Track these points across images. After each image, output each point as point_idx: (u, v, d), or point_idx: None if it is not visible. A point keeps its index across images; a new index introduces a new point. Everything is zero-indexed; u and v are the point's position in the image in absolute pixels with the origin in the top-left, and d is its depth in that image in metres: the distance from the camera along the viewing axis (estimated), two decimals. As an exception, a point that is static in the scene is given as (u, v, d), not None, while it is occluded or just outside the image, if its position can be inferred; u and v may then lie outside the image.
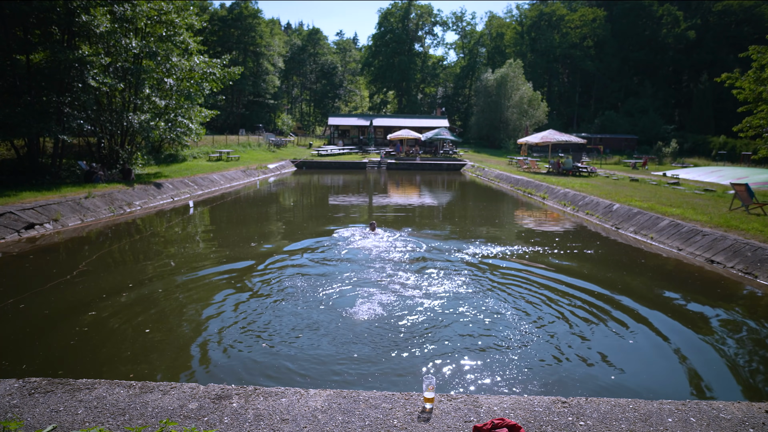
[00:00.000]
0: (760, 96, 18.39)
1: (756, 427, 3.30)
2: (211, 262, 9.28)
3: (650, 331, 6.21)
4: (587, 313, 6.76)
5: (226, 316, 6.40)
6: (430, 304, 6.84)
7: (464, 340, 5.75)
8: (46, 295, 7.02)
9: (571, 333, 6.04)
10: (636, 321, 6.51)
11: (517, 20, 77.28)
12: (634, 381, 4.93)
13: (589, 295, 7.50)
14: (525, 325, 6.22)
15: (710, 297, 7.68)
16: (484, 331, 6.04)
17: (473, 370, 5.02)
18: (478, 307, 6.81)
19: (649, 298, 7.48)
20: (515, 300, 7.19)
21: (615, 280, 8.42)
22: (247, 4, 61.38)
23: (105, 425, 3.15)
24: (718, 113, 59.06)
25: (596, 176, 25.88)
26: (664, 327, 6.35)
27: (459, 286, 7.69)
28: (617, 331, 6.15)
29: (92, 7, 15.31)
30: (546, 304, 7.08)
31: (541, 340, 5.78)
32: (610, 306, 7.05)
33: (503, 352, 5.45)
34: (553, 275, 8.55)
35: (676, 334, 6.16)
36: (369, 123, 51.01)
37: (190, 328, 6.11)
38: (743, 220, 11.47)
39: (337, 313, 6.43)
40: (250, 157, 33.28)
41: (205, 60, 20.68)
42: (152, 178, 18.59)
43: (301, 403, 3.49)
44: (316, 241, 11.07)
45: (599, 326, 6.30)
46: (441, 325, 6.15)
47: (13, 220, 10.69)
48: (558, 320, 6.44)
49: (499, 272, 8.66)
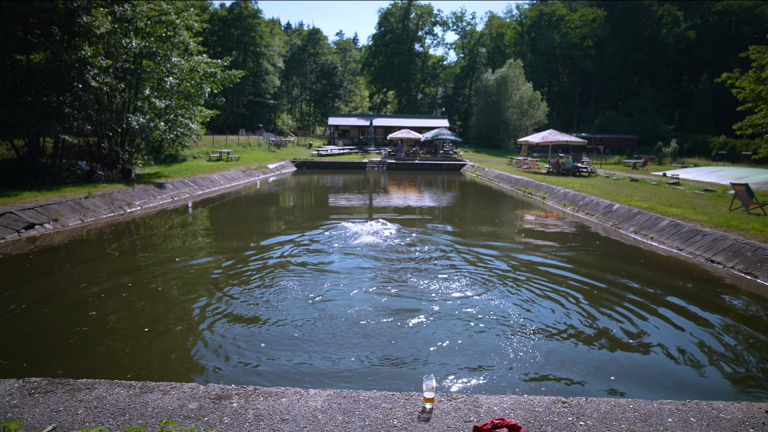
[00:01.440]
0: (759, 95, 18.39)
1: (756, 427, 3.30)
2: (211, 261, 9.27)
3: (650, 331, 6.21)
4: (587, 312, 6.76)
5: (226, 315, 6.40)
6: (431, 303, 6.84)
7: (464, 340, 5.75)
8: (46, 295, 7.02)
9: (571, 333, 6.04)
10: (636, 321, 6.51)
11: (517, 20, 77.25)
12: (634, 381, 4.93)
13: (589, 295, 7.50)
14: (525, 325, 6.22)
15: (710, 297, 7.67)
16: (484, 330, 6.04)
17: (473, 370, 5.02)
18: (479, 306, 6.81)
19: (648, 298, 7.48)
20: (515, 299, 7.19)
21: (614, 280, 8.42)
22: (247, 4, 61.37)
23: (105, 425, 3.15)
24: (718, 113, 59.02)
25: (596, 176, 25.88)
26: (664, 327, 6.35)
27: (459, 285, 7.69)
28: (617, 331, 6.14)
29: (93, 7, 15.32)
30: (546, 303, 7.08)
31: (541, 340, 5.78)
32: (609, 306, 7.05)
33: (504, 352, 5.44)
34: (553, 275, 8.55)
35: (676, 333, 6.16)
36: (369, 123, 51.01)
37: (190, 327, 6.11)
38: (743, 220, 11.47)
39: (337, 312, 6.43)
40: (250, 157, 33.28)
41: (206, 60, 20.68)
42: (152, 178, 18.59)
43: (301, 403, 3.49)
44: (318, 236, 11.08)
45: (599, 326, 6.30)
46: (441, 324, 6.15)
47: (13, 220, 10.70)
48: (558, 320, 6.44)
49: (499, 271, 8.66)
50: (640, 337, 6.02)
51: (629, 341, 5.87)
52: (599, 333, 6.10)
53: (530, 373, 4.99)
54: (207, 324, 6.17)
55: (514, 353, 5.42)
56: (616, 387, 4.78)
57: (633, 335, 6.05)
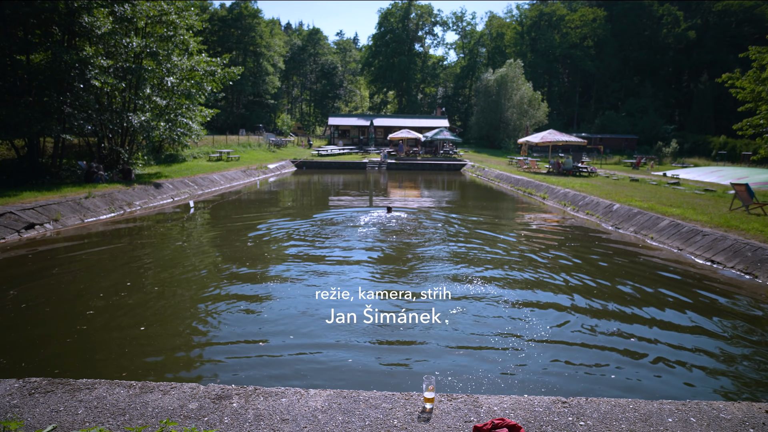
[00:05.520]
0: (760, 96, 18.38)
1: (756, 427, 3.30)
2: (211, 261, 9.28)
3: (650, 331, 6.21)
4: (586, 312, 6.76)
5: (226, 314, 6.40)
6: (431, 303, 6.84)
7: (464, 340, 5.75)
8: (46, 295, 7.02)
9: (570, 332, 6.03)
10: (635, 321, 6.51)
11: (517, 20, 77.23)
12: (634, 380, 4.93)
13: (588, 295, 7.50)
14: (525, 325, 6.22)
15: (710, 297, 7.67)
16: (484, 330, 6.04)
17: (473, 370, 5.02)
18: (479, 306, 6.81)
19: (647, 298, 7.48)
20: (515, 299, 7.18)
21: (614, 280, 8.41)
22: (247, 4, 61.39)
23: (105, 425, 3.15)
24: (718, 113, 59.02)
25: (596, 176, 25.88)
26: (664, 327, 6.35)
27: (459, 285, 7.69)
28: (617, 332, 6.14)
29: (94, 8, 15.32)
30: (545, 303, 7.08)
31: (541, 340, 5.77)
32: (608, 306, 7.05)
33: (504, 352, 5.44)
34: (553, 275, 8.55)
35: (676, 334, 6.16)
36: (369, 123, 51.01)
37: (190, 327, 6.11)
38: (743, 220, 11.46)
39: (338, 311, 6.42)
40: (250, 157, 33.29)
41: (206, 59, 20.68)
42: (152, 178, 18.59)
43: (301, 403, 3.49)
44: (318, 235, 11.07)
45: (599, 326, 6.30)
46: (442, 324, 6.15)
47: (14, 220, 10.70)
48: (557, 320, 6.44)
49: (499, 271, 8.66)
50: (639, 336, 6.01)
51: (629, 341, 5.87)
52: (598, 333, 6.09)
53: (530, 373, 4.99)
54: (207, 323, 6.17)
55: (514, 353, 5.42)
56: (616, 387, 4.78)
57: (632, 335, 6.04)
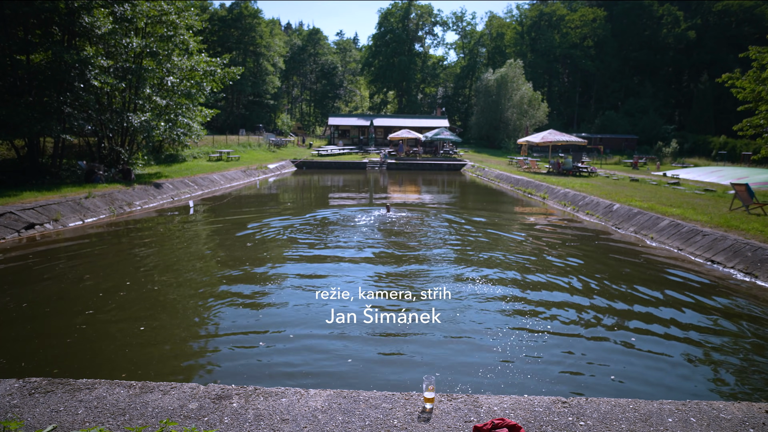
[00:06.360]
0: (760, 96, 18.37)
1: (756, 427, 3.30)
2: (211, 261, 9.28)
3: (649, 330, 6.21)
4: (586, 312, 6.76)
5: (226, 314, 6.40)
6: (431, 302, 6.84)
7: (465, 339, 5.75)
8: (46, 295, 7.03)
9: (570, 332, 6.04)
10: (635, 321, 6.51)
11: (517, 20, 77.21)
12: (634, 381, 4.93)
13: (588, 295, 7.50)
14: (525, 325, 6.22)
15: (710, 297, 7.67)
16: (484, 330, 6.04)
17: (473, 370, 5.02)
18: (479, 306, 6.81)
19: (647, 298, 7.48)
20: (516, 299, 7.19)
21: (614, 279, 8.41)
22: (247, 4, 61.37)
23: (105, 425, 3.15)
24: (718, 113, 59.02)
25: (596, 176, 25.87)
26: (664, 326, 6.34)
27: (459, 285, 7.69)
28: (617, 332, 6.14)
29: (94, 8, 15.32)
30: (545, 303, 7.08)
31: (541, 340, 5.77)
32: (608, 306, 7.05)
33: (504, 352, 5.44)
34: (553, 275, 8.55)
35: (676, 333, 6.15)
36: (369, 123, 51.00)
37: (190, 326, 6.11)
38: (743, 220, 11.46)
39: (337, 311, 6.42)
40: (250, 157, 33.29)
41: (206, 59, 20.68)
42: (152, 178, 18.59)
43: (301, 403, 3.49)
44: (318, 235, 11.08)
45: (598, 326, 6.30)
46: (442, 323, 6.15)
47: (14, 220, 10.70)
48: (557, 320, 6.44)
49: (499, 271, 8.66)
50: (639, 336, 6.01)
51: (628, 341, 5.87)
52: (598, 332, 6.09)
53: (530, 373, 4.99)
54: (207, 323, 6.17)
55: (514, 353, 5.42)
56: (616, 387, 4.78)
57: (632, 335, 6.04)
